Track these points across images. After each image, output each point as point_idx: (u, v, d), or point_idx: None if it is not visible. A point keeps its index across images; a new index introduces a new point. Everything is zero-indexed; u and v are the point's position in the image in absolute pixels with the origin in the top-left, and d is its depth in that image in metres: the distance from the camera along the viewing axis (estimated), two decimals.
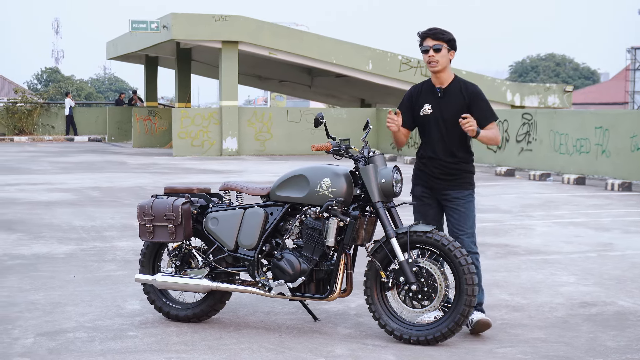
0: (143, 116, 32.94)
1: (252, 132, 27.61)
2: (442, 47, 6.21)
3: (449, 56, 6.26)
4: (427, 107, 6.32)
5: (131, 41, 31.92)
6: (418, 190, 6.41)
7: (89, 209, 13.28)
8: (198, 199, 6.59)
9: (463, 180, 6.28)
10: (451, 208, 6.29)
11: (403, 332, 5.99)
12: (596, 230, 11.31)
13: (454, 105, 6.24)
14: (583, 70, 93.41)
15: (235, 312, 6.81)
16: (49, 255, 9.31)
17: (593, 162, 18.63)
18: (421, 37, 6.28)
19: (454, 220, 6.28)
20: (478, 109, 6.23)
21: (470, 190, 6.31)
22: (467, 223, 6.25)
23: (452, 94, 6.27)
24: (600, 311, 6.95)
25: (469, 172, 6.33)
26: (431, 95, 6.33)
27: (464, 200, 6.26)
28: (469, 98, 6.24)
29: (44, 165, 22.67)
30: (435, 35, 6.23)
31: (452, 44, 6.27)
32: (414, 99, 6.40)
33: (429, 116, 6.31)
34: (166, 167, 22.15)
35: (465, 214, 6.25)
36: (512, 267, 8.77)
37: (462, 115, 6.10)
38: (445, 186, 6.27)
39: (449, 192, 6.27)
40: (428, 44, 6.23)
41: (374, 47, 28.72)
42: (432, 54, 6.21)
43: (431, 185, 6.32)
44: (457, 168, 6.27)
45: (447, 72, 6.30)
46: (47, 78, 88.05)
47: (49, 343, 5.95)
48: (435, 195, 6.34)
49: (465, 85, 6.31)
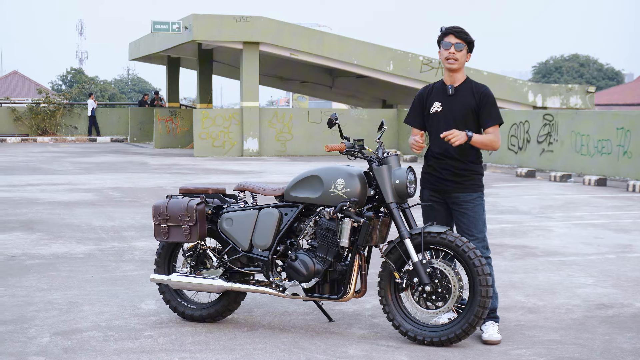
0: (165, 117, 33.06)
1: (273, 132, 27.64)
2: (464, 47, 6.20)
3: (466, 58, 6.26)
4: (437, 104, 6.30)
5: (153, 42, 32.06)
6: (426, 194, 6.38)
7: (109, 209, 13.35)
8: (213, 199, 6.61)
9: (472, 182, 6.25)
10: (460, 212, 6.26)
11: (417, 333, 5.98)
12: (616, 232, 11.24)
13: (464, 104, 6.22)
14: (607, 71, 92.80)
15: (250, 313, 6.83)
16: (67, 255, 9.36)
17: (614, 164, 18.51)
18: (443, 33, 6.24)
19: (463, 225, 6.25)
20: (485, 111, 6.21)
21: (479, 193, 6.28)
22: (477, 227, 6.22)
23: (463, 92, 6.25)
24: (617, 313, 6.91)
25: (478, 174, 6.30)
26: (442, 93, 6.31)
27: (472, 203, 6.22)
28: (480, 99, 6.22)
29: (66, 166, 22.80)
30: (459, 34, 6.20)
31: (471, 46, 6.27)
32: (423, 99, 6.39)
33: (438, 114, 6.29)
34: (187, 168, 22.22)
35: (475, 218, 6.22)
36: (530, 269, 8.73)
37: (443, 133, 6.08)
38: (453, 188, 6.24)
39: (457, 195, 6.24)
40: (450, 40, 6.20)
41: (395, 48, 28.69)
42: (454, 52, 6.18)
43: (439, 188, 6.28)
44: (466, 168, 6.23)
45: (461, 72, 6.29)
46: (71, 79, 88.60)
47: (65, 342, 5.99)
48: (444, 199, 6.32)
49: (477, 86, 6.29)
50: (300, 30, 27.91)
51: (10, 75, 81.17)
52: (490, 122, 6.22)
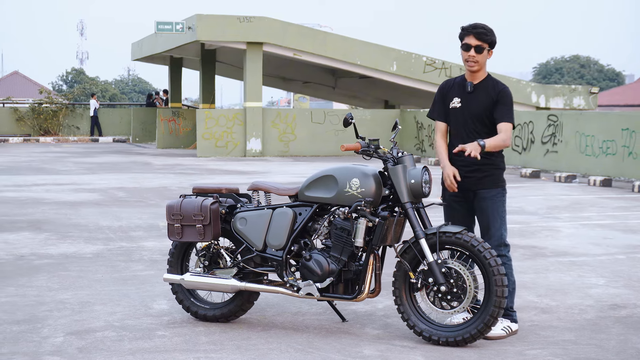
0: (167, 117, 33.04)
1: (276, 133, 27.63)
2: (485, 49, 6.15)
3: (488, 56, 6.21)
4: (457, 100, 6.28)
5: (156, 42, 32.03)
6: (447, 193, 6.36)
7: (115, 209, 13.33)
8: (226, 199, 6.59)
9: (493, 177, 6.23)
10: (479, 209, 6.24)
11: (432, 333, 5.96)
12: (624, 233, 11.22)
13: (482, 101, 6.20)
14: (608, 72, 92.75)
15: (262, 313, 6.81)
16: (76, 254, 9.35)
17: (619, 164, 18.48)
18: (463, 32, 6.19)
19: (482, 223, 6.25)
20: (499, 108, 6.18)
21: (499, 189, 6.25)
22: (495, 225, 6.20)
23: (482, 90, 6.23)
24: (630, 314, 6.89)
25: (499, 168, 6.27)
26: (462, 89, 6.29)
27: (492, 200, 6.20)
28: (497, 96, 6.18)
29: (70, 166, 22.79)
30: (479, 35, 6.13)
31: (493, 45, 6.21)
32: (444, 92, 6.37)
33: (457, 110, 6.28)
34: (190, 168, 22.21)
35: (493, 216, 6.20)
36: (540, 269, 8.71)
37: (456, 149, 6.03)
38: (474, 183, 6.21)
39: (478, 191, 6.22)
40: (470, 42, 6.15)
41: (399, 49, 28.67)
42: (473, 54, 6.13)
43: (461, 186, 6.26)
44: (487, 163, 6.19)
45: (482, 71, 6.26)
46: (72, 79, 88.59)
47: (79, 342, 5.97)
48: (465, 197, 6.29)
49: (496, 84, 6.25)
50: (303, 31, 27.90)
51: (11, 75, 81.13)
52: (504, 118, 6.15)
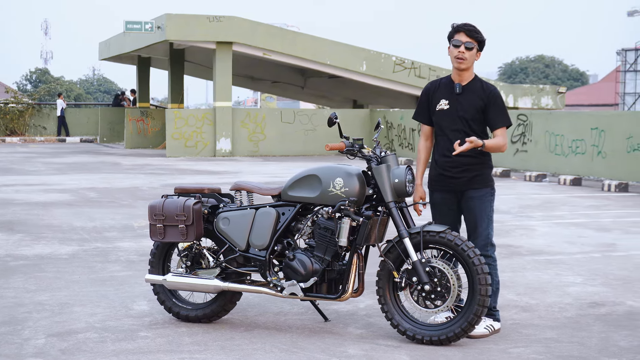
0: (136, 117, 32.85)
1: (246, 133, 27.57)
2: (474, 46, 6.16)
3: (476, 57, 6.22)
4: (444, 102, 6.26)
5: (124, 42, 31.83)
6: (437, 197, 6.35)
7: (88, 209, 13.23)
8: (209, 199, 6.56)
9: (482, 177, 6.22)
10: (466, 208, 6.26)
11: (416, 332, 5.97)
12: (597, 231, 11.32)
13: (471, 103, 6.18)
14: (572, 72, 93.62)
15: (244, 313, 6.79)
16: (52, 255, 9.26)
17: (589, 163, 18.66)
18: (454, 30, 6.18)
19: (469, 223, 6.26)
20: (492, 112, 6.18)
21: (488, 188, 6.25)
22: (482, 225, 6.21)
23: (471, 91, 6.21)
24: (610, 311, 6.96)
25: (487, 167, 6.26)
26: (449, 91, 6.27)
27: (480, 200, 6.21)
28: (487, 98, 6.17)
29: (38, 166, 22.58)
30: (470, 32, 6.13)
31: (482, 45, 6.21)
32: (430, 94, 6.36)
33: (444, 112, 6.26)
34: (160, 168, 22.09)
35: (481, 217, 6.20)
36: (517, 268, 8.76)
37: (456, 152, 6.03)
38: (464, 184, 6.21)
39: (466, 192, 6.24)
40: (461, 39, 6.14)
41: (369, 48, 28.73)
42: (463, 51, 6.12)
43: (450, 188, 6.26)
44: (476, 162, 6.19)
45: (470, 71, 6.24)
46: (36, 79, 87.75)
47: (61, 344, 5.92)
48: (454, 198, 6.30)
49: (485, 85, 6.24)
50: (273, 30, 27.87)
51: None
52: (500, 124, 6.19)
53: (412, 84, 28.46)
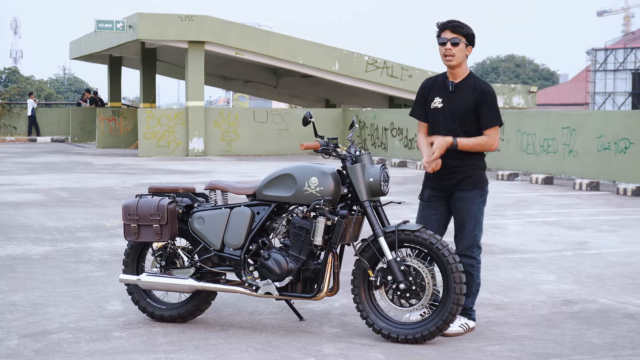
0: (107, 117, 32.68)
1: (219, 132, 27.51)
2: (461, 41, 6.09)
3: (466, 51, 6.15)
4: (438, 100, 6.23)
5: (95, 41, 31.66)
6: (426, 193, 6.34)
7: (60, 209, 13.15)
8: (183, 198, 6.54)
9: (474, 177, 6.19)
10: (455, 209, 6.24)
11: (391, 331, 5.98)
12: (569, 229, 11.40)
13: (464, 101, 6.14)
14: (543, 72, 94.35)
15: (219, 312, 6.78)
16: (24, 256, 9.19)
17: (560, 162, 18.79)
18: (439, 29, 6.14)
19: (457, 223, 6.26)
20: (484, 111, 6.13)
21: (477, 190, 6.20)
22: (469, 226, 6.18)
23: (464, 89, 6.17)
24: (582, 309, 7.01)
25: (480, 168, 6.24)
26: (443, 89, 6.24)
27: (470, 201, 6.17)
28: (479, 96, 6.12)
29: (9, 166, 22.41)
30: (454, 28, 6.09)
31: (470, 39, 6.14)
32: (426, 91, 6.33)
33: (438, 110, 6.23)
34: (133, 168, 22.00)
35: (468, 218, 6.17)
36: (491, 266, 8.80)
37: (425, 161, 6.07)
38: (456, 185, 6.20)
39: (456, 192, 6.22)
40: (446, 36, 6.10)
41: (341, 48, 28.76)
42: (449, 47, 6.08)
43: (441, 186, 6.26)
44: (468, 164, 6.16)
45: (462, 67, 6.18)
46: (6, 78, 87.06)
47: (34, 344, 5.87)
48: (445, 197, 6.28)
49: (478, 83, 6.19)
50: (246, 30, 27.83)
51: None
52: (489, 124, 6.14)
53: (384, 83, 28.54)
